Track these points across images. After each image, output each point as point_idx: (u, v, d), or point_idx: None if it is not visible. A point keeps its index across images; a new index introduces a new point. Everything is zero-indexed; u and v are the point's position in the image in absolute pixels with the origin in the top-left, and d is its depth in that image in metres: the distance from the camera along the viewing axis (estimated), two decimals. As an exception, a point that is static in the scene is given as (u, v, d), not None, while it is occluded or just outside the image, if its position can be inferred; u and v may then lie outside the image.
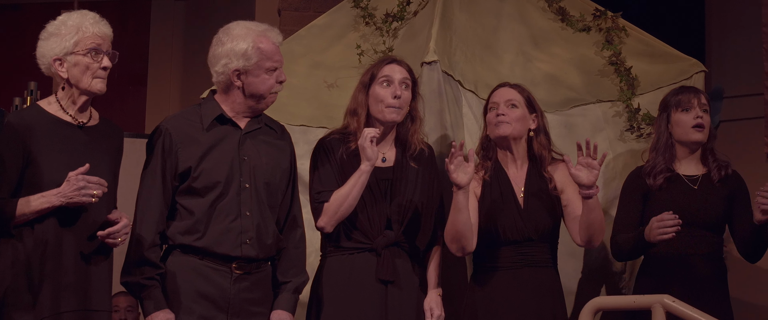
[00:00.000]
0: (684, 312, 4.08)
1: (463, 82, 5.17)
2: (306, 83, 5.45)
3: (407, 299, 4.62)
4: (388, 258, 4.60)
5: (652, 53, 5.56)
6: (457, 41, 5.25)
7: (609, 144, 5.32)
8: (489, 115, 4.82)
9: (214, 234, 4.28)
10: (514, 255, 4.73)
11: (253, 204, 4.33)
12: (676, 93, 5.04)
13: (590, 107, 5.35)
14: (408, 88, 4.68)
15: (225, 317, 4.28)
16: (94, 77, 4.14)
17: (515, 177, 4.83)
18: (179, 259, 4.30)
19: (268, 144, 4.46)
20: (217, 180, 4.30)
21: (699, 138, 4.95)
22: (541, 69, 5.43)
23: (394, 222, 4.63)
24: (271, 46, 4.40)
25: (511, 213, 4.75)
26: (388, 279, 4.58)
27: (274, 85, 4.40)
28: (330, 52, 5.56)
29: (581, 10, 5.65)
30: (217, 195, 4.30)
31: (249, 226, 4.31)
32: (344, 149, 4.66)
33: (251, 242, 4.30)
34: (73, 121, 4.17)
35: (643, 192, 4.96)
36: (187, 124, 4.39)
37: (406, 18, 5.49)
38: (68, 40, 4.13)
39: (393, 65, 4.71)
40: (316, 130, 5.22)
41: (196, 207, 4.29)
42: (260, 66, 4.36)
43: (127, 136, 4.45)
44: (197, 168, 4.30)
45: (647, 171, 4.97)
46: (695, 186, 4.94)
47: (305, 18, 6.58)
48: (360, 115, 4.68)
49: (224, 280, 4.29)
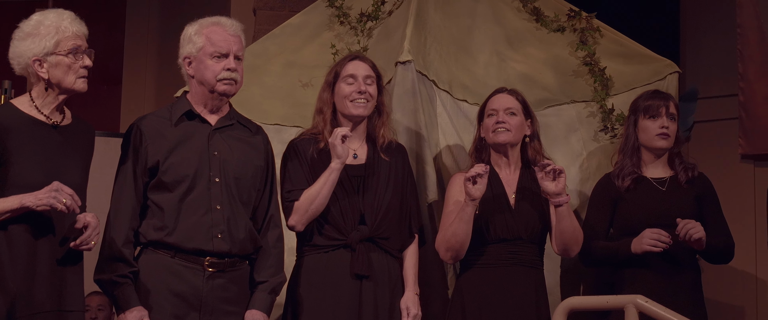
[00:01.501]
0: (657, 312, 4.08)
1: (437, 81, 5.17)
2: (280, 82, 5.44)
3: (382, 294, 4.63)
4: (362, 252, 4.60)
5: (626, 54, 5.57)
6: (432, 41, 5.25)
7: (583, 144, 5.34)
8: (487, 120, 4.86)
9: (184, 229, 4.27)
10: (503, 254, 4.75)
11: (224, 198, 4.32)
12: (646, 98, 5.06)
13: (564, 107, 5.36)
14: (373, 83, 4.70)
15: (197, 315, 4.26)
16: (77, 77, 4.13)
17: (507, 179, 4.87)
18: (151, 257, 4.29)
19: (240, 141, 4.45)
20: (186, 174, 4.30)
21: (663, 145, 4.98)
22: (515, 69, 5.43)
23: (367, 217, 4.64)
24: (220, 33, 4.38)
25: (502, 212, 4.79)
26: (362, 273, 4.59)
27: (221, 72, 4.35)
28: (304, 52, 5.55)
29: (556, 10, 5.66)
30: (186, 189, 4.29)
31: (219, 220, 4.30)
32: (314, 149, 4.67)
33: (223, 236, 4.29)
34: (47, 120, 4.15)
35: (613, 197, 4.99)
36: (158, 122, 4.40)
37: (380, 18, 5.48)
38: (48, 40, 4.10)
39: (356, 62, 4.73)
40: (290, 129, 5.21)
41: (166, 203, 4.29)
42: (205, 52, 4.35)
43: (101, 135, 4.45)
44: (165, 162, 4.30)
45: (616, 174, 5.00)
46: (663, 188, 4.96)
47: (280, 17, 6.56)
48: (325, 113, 4.70)
49: (196, 278, 4.27)
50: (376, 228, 4.64)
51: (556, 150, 5.23)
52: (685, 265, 4.90)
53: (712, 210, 4.99)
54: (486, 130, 4.87)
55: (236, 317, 4.34)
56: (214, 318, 4.28)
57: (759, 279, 6.25)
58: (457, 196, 4.79)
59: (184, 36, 4.42)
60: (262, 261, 4.44)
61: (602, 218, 5.00)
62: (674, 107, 5.02)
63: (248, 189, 4.41)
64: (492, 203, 4.80)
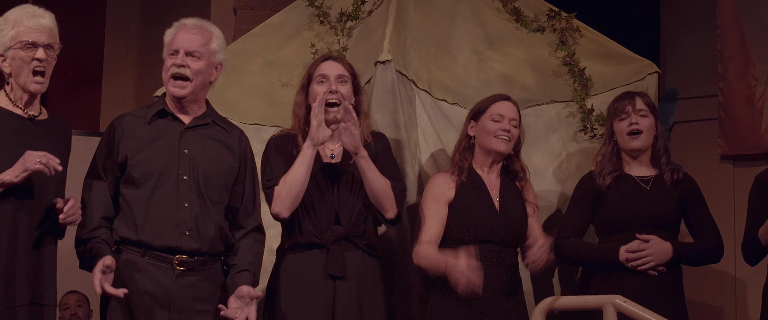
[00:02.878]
0: (635, 312, 4.09)
1: (417, 81, 5.16)
2: (260, 82, 5.43)
3: (356, 294, 4.61)
4: (337, 253, 4.59)
5: (606, 54, 5.58)
6: (412, 41, 5.25)
7: (562, 144, 5.34)
8: (490, 124, 4.83)
9: (152, 226, 4.26)
10: (485, 255, 4.72)
11: (192, 196, 4.32)
12: (614, 101, 5.05)
13: (544, 107, 5.36)
14: (346, 82, 4.69)
15: (167, 313, 4.25)
16: (31, 73, 4.12)
17: (489, 181, 4.87)
18: (123, 257, 4.29)
19: (214, 140, 4.45)
20: (153, 171, 4.30)
21: (636, 145, 4.95)
22: (495, 69, 5.43)
23: (342, 217, 4.63)
24: (180, 33, 4.39)
25: (487, 213, 4.79)
26: (336, 274, 4.58)
27: (170, 68, 4.37)
28: (284, 51, 5.54)
29: (536, 10, 5.66)
30: (154, 185, 4.29)
31: (187, 217, 4.29)
32: (292, 146, 4.66)
33: (191, 233, 4.28)
34: (24, 114, 4.16)
35: (594, 196, 4.97)
36: (134, 120, 4.42)
37: (360, 17, 5.47)
38: (6, 34, 4.12)
39: (328, 62, 4.72)
40: (269, 128, 5.21)
41: (135, 199, 4.29)
42: (166, 52, 4.41)
43: (81, 134, 4.46)
44: (134, 157, 4.32)
45: (598, 172, 4.99)
46: (647, 187, 4.95)
47: (261, 17, 6.54)
48: (299, 115, 4.70)
49: (165, 276, 4.27)
50: (352, 227, 4.63)
51: (535, 150, 5.23)
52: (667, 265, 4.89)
53: (700, 213, 4.97)
54: (484, 132, 4.84)
55: (207, 316, 4.33)
56: (184, 316, 4.27)
57: (739, 279, 6.27)
58: (437, 195, 4.79)
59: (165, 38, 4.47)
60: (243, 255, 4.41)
61: (581, 215, 4.99)
62: (643, 103, 4.98)
63: (219, 189, 4.40)
64: (477, 204, 4.79)
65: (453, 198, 4.80)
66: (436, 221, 4.78)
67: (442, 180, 4.81)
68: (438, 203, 4.80)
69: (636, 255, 4.78)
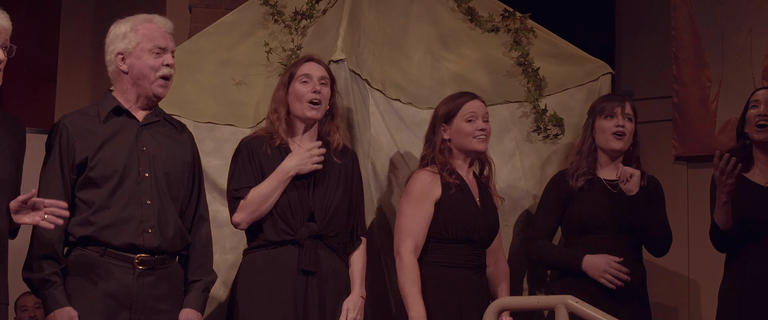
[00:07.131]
0: (586, 312, 4.09)
1: (370, 80, 5.16)
2: (213, 80, 5.40)
3: (330, 291, 4.60)
4: (310, 249, 4.58)
5: (560, 54, 5.60)
6: (366, 40, 5.24)
7: (516, 144, 5.36)
8: (465, 125, 4.81)
9: (113, 224, 4.23)
10: (466, 255, 4.74)
11: (154, 193, 4.30)
12: (602, 100, 5.11)
13: (498, 107, 5.36)
14: (326, 84, 4.71)
15: (128, 314, 4.22)
16: None
17: (469, 181, 4.87)
18: (80, 257, 4.24)
19: (167, 137, 4.43)
20: (114, 169, 4.27)
21: (618, 146, 4.99)
22: (449, 69, 5.43)
23: (317, 214, 4.62)
24: (154, 28, 4.40)
25: (472, 214, 4.78)
26: (309, 269, 4.56)
27: (160, 68, 4.36)
28: (238, 50, 5.51)
29: (490, 10, 5.66)
30: (115, 184, 4.26)
31: (150, 215, 4.27)
32: (268, 146, 4.66)
33: (153, 231, 4.26)
34: None
35: (565, 196, 5.01)
36: (85, 119, 4.37)
37: (315, 16, 5.46)
38: None
39: (311, 63, 4.74)
40: (223, 127, 5.19)
41: (95, 198, 4.25)
42: (142, 47, 4.36)
43: (35, 132, 4.41)
44: (94, 157, 4.27)
45: (570, 173, 5.03)
46: (615, 191, 4.97)
47: (217, 15, 6.51)
48: (280, 112, 4.70)
49: (126, 276, 4.23)
50: (326, 225, 4.63)
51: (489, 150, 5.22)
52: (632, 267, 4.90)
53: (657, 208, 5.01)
54: (461, 135, 4.82)
55: (168, 315, 4.31)
56: (145, 316, 4.25)
57: (692, 280, 6.30)
58: (424, 193, 4.75)
59: (116, 33, 4.43)
60: (194, 261, 4.43)
61: (551, 216, 5.03)
62: (631, 108, 5.04)
63: (177, 185, 4.39)
64: (466, 204, 4.78)
65: (440, 197, 4.78)
66: (423, 221, 4.75)
67: (423, 176, 4.79)
68: (422, 200, 4.77)
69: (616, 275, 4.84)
